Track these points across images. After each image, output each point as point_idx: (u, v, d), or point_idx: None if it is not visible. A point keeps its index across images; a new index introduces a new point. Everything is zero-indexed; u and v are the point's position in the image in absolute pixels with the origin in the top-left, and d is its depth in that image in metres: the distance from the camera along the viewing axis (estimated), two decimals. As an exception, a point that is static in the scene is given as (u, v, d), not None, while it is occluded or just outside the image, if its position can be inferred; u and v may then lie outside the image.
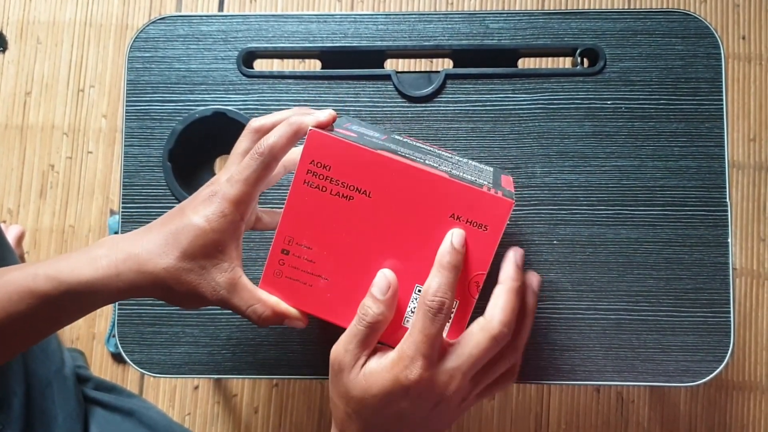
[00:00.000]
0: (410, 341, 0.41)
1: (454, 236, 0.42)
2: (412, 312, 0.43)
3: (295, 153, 0.48)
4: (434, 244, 0.43)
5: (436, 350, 0.41)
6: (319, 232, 0.43)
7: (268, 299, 0.44)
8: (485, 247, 0.42)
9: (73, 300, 0.42)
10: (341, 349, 0.42)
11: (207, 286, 0.43)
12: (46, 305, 0.42)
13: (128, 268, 0.42)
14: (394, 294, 0.42)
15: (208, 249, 0.42)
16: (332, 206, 0.43)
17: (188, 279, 0.42)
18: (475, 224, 0.42)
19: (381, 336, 0.43)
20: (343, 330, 0.44)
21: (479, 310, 0.43)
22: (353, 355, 0.42)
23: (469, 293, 0.43)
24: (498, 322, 0.42)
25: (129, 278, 0.42)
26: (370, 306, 0.42)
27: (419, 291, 0.43)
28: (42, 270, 0.42)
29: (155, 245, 0.42)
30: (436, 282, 0.41)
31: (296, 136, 0.43)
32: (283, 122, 0.44)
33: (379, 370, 0.41)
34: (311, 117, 0.43)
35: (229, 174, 0.43)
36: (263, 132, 0.44)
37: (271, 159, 0.43)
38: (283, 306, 0.44)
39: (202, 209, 0.42)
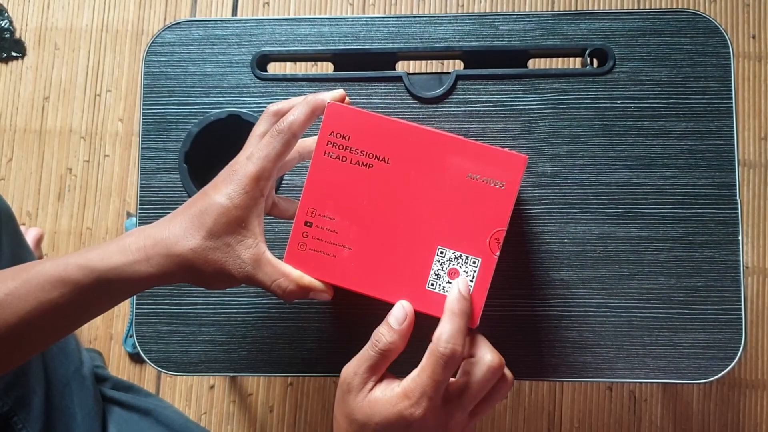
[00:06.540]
0: (419, 383, 0.41)
1: (460, 284, 0.43)
2: (435, 275, 0.44)
3: (309, 140, 0.50)
4: (453, 205, 0.44)
5: (441, 393, 0.41)
6: (340, 202, 0.45)
7: (292, 273, 0.45)
8: (503, 204, 0.44)
9: (105, 287, 0.43)
10: (351, 370, 0.43)
11: (233, 263, 0.43)
12: (78, 293, 0.43)
13: (157, 252, 0.43)
14: (410, 325, 0.43)
15: (232, 226, 0.43)
16: (352, 175, 0.44)
17: (215, 257, 0.43)
18: (492, 182, 0.44)
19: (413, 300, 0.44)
20: (366, 299, 0.44)
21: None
22: (362, 378, 0.42)
23: (490, 251, 0.44)
24: (491, 353, 0.42)
25: (159, 263, 0.43)
26: (384, 334, 0.42)
27: (441, 253, 0.44)
28: (73, 260, 0.43)
29: (181, 228, 0.43)
30: (448, 329, 0.41)
31: (314, 113, 0.45)
32: (300, 102, 0.45)
33: (383, 401, 0.41)
34: (327, 94, 0.46)
35: (249, 152, 0.44)
36: (281, 115, 0.46)
37: (290, 136, 0.44)
38: (307, 279, 0.45)
39: (223, 188, 0.43)
